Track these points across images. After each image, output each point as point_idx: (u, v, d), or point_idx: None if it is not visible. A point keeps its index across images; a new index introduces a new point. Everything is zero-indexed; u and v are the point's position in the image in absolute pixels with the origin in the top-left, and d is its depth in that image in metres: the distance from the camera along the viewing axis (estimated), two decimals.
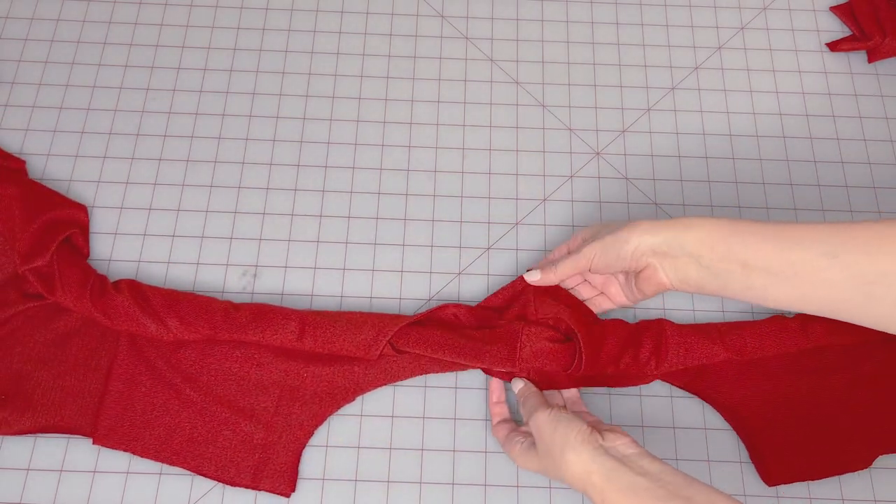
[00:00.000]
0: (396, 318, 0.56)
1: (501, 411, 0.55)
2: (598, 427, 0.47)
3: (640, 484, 0.42)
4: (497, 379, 0.55)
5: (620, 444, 0.45)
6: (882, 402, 0.55)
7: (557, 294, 0.56)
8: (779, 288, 0.46)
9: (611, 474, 0.43)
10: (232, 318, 0.56)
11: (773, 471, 0.54)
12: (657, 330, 0.56)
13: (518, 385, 0.54)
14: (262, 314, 0.56)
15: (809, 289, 0.45)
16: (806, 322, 0.56)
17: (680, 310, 0.60)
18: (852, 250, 0.44)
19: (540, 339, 0.54)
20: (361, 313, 0.57)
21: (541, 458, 0.48)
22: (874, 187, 0.65)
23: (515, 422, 0.55)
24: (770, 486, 0.54)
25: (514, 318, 0.55)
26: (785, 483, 0.54)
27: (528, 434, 0.51)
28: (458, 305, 0.57)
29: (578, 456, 0.45)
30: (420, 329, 0.55)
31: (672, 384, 0.57)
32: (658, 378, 0.56)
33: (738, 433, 0.56)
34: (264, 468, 0.54)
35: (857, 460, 0.54)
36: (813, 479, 0.54)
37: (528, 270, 0.56)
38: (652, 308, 0.60)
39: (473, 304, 0.59)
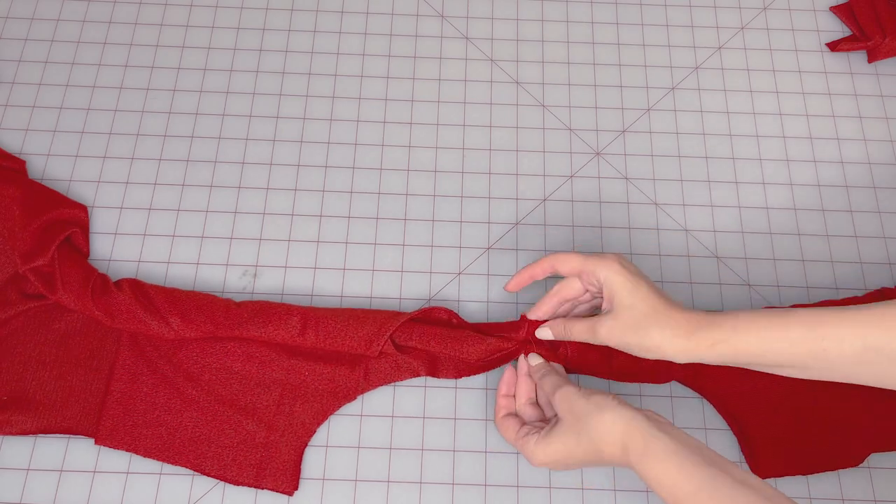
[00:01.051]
0: (397, 314, 0.56)
1: (508, 405, 0.53)
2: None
3: (681, 450, 0.42)
4: (511, 370, 0.54)
5: (650, 413, 0.46)
6: (877, 399, 0.55)
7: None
8: (814, 375, 0.45)
9: (652, 435, 0.43)
10: (234, 315, 0.56)
11: (764, 463, 0.54)
12: None
13: (536, 360, 0.53)
14: (264, 310, 0.56)
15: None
16: None
17: None
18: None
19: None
20: (363, 310, 0.57)
21: (567, 432, 0.46)
22: (874, 187, 0.65)
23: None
24: (761, 478, 0.54)
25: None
26: (775, 476, 0.54)
27: (539, 427, 0.50)
28: (451, 312, 0.57)
29: (619, 414, 0.44)
30: (421, 325, 0.56)
31: (673, 377, 0.57)
32: (676, 378, 0.56)
33: (730, 425, 0.56)
34: (267, 467, 0.54)
35: (850, 457, 0.54)
36: (804, 474, 0.54)
37: (539, 326, 0.54)
38: None
39: (473, 306, 0.59)
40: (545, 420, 0.51)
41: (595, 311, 0.54)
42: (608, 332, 0.48)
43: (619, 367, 0.55)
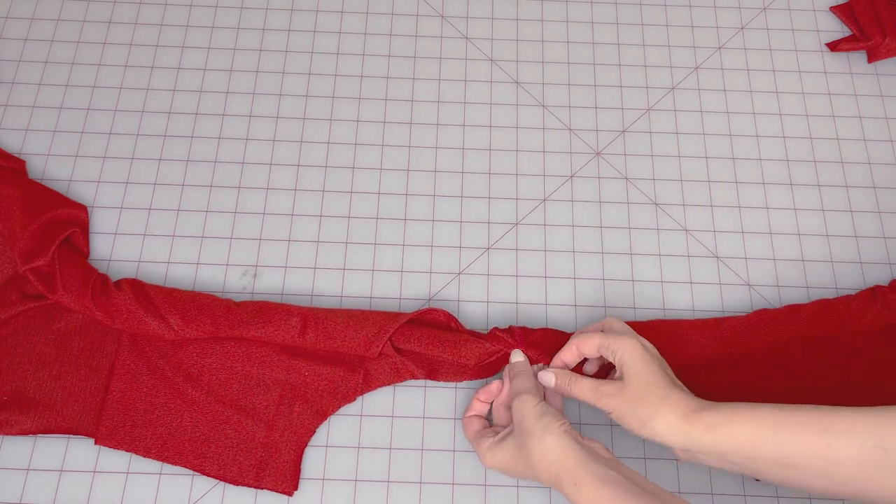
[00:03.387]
0: (397, 315, 0.56)
1: (480, 408, 0.54)
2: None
3: (614, 477, 0.43)
4: (498, 383, 0.54)
5: (597, 447, 0.47)
6: (869, 396, 0.55)
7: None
8: (819, 480, 0.45)
9: (587, 462, 0.44)
10: (234, 315, 0.56)
11: None
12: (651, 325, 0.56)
13: (517, 357, 0.54)
14: (265, 310, 0.56)
15: (851, 480, 0.44)
16: (792, 310, 0.57)
17: (679, 309, 0.60)
18: None
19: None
20: (363, 311, 0.57)
21: (514, 444, 0.48)
22: (874, 187, 0.65)
23: (487, 420, 0.54)
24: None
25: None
26: None
27: (497, 433, 0.51)
28: (451, 315, 0.57)
29: (559, 441, 0.45)
30: (420, 328, 0.56)
31: None
32: None
33: None
34: (266, 467, 0.54)
35: None
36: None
37: (542, 368, 0.54)
38: (652, 308, 0.60)
39: (472, 306, 0.59)
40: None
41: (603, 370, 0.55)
42: (610, 398, 0.48)
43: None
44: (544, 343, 0.55)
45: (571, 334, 0.56)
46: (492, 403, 0.54)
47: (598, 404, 0.49)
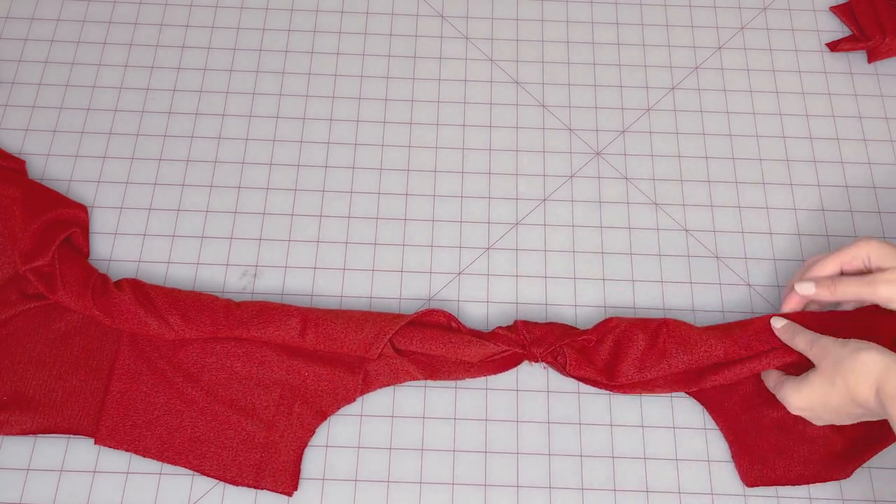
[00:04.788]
0: (397, 317, 0.56)
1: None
2: None
3: None
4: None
5: None
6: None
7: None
8: None
9: None
10: (234, 315, 0.56)
11: (752, 472, 0.54)
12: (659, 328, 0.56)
13: (780, 322, 0.53)
14: (265, 310, 0.56)
15: None
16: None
17: (679, 309, 0.60)
18: None
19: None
20: (363, 312, 0.57)
21: (821, 377, 0.48)
22: (874, 187, 0.65)
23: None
24: (748, 486, 0.54)
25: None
26: (762, 485, 0.54)
27: (793, 377, 0.51)
28: (451, 315, 0.57)
29: (878, 356, 0.46)
30: (421, 328, 0.55)
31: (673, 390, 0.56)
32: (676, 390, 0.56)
33: (723, 432, 0.56)
34: (266, 467, 0.54)
35: (838, 470, 0.54)
36: (790, 485, 0.54)
37: (799, 282, 0.53)
38: (652, 308, 0.60)
39: (473, 306, 0.59)
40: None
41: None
42: (887, 283, 0.48)
43: (622, 378, 0.55)
44: (549, 337, 0.55)
45: (576, 329, 0.56)
46: (784, 336, 0.53)
47: (871, 296, 0.49)
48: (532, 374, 0.58)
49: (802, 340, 0.51)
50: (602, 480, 0.55)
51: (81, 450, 0.55)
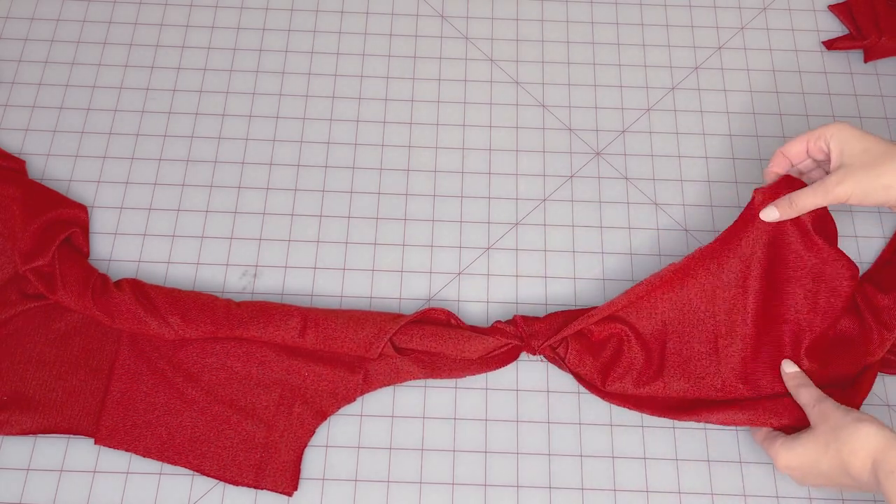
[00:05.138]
0: (397, 317, 0.56)
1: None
2: None
3: None
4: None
5: None
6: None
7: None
8: None
9: None
10: (234, 315, 0.56)
11: None
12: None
13: (791, 367, 0.53)
14: (265, 310, 0.56)
15: None
16: None
17: None
18: None
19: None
20: (363, 311, 0.57)
21: (817, 440, 0.47)
22: None
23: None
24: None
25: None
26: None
27: (783, 434, 0.51)
28: (450, 313, 0.57)
29: (879, 429, 0.45)
30: (421, 326, 0.55)
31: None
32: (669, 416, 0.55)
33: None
34: (266, 467, 0.54)
35: None
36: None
37: (765, 207, 0.53)
38: None
39: (473, 306, 0.59)
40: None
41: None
42: (840, 180, 0.48)
43: (615, 386, 0.55)
44: (548, 331, 0.55)
45: (578, 310, 0.56)
46: (790, 384, 0.52)
47: (829, 198, 0.49)
48: (532, 374, 0.58)
49: (806, 395, 0.50)
50: (602, 480, 0.55)
51: (81, 450, 0.55)
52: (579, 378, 0.56)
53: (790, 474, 0.49)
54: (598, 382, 0.55)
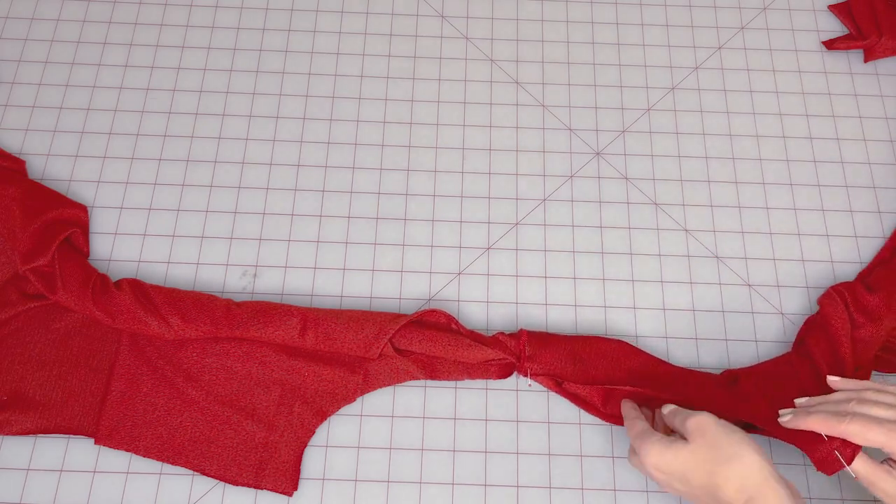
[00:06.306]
0: (397, 317, 0.56)
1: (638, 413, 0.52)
2: None
3: None
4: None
5: (793, 486, 0.45)
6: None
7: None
8: None
9: (784, 499, 0.42)
10: (234, 315, 0.56)
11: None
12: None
13: (669, 408, 0.50)
14: (265, 310, 0.56)
15: None
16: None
17: (679, 309, 0.60)
18: None
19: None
20: (363, 311, 0.57)
21: (694, 453, 0.45)
22: (874, 187, 0.65)
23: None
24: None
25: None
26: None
27: (665, 434, 0.49)
28: (451, 316, 0.57)
29: (761, 465, 0.43)
30: (421, 329, 0.56)
31: None
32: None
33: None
34: (266, 467, 0.54)
35: None
36: None
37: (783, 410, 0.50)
38: (652, 308, 0.60)
39: (473, 306, 0.59)
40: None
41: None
42: (851, 426, 0.46)
43: (613, 410, 0.55)
44: (552, 360, 0.56)
45: (587, 338, 0.57)
46: (665, 413, 0.51)
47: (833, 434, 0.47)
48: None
49: (679, 416, 0.48)
50: (602, 480, 0.55)
51: (81, 450, 0.55)
52: (576, 399, 0.56)
53: (654, 475, 0.47)
54: (600, 405, 0.55)
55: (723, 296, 0.61)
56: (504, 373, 0.56)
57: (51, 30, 0.70)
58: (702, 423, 0.46)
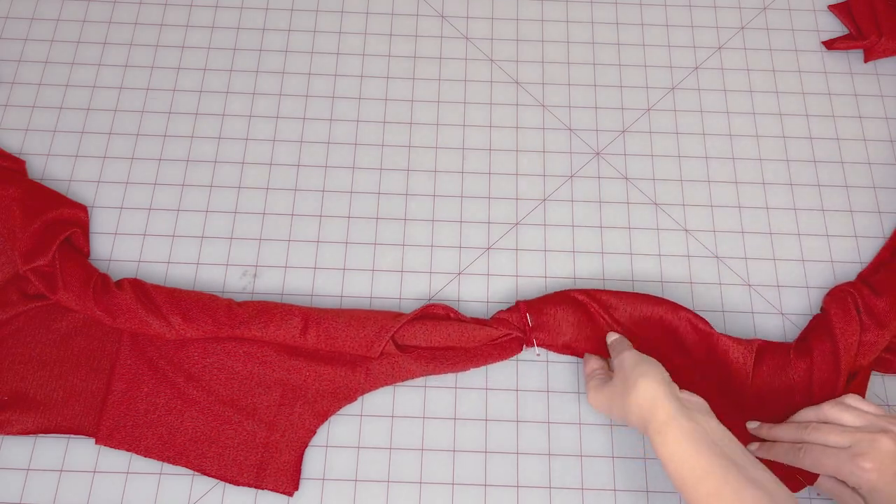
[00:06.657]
0: (398, 315, 0.56)
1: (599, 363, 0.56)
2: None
3: (701, 434, 0.44)
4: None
5: (694, 400, 0.48)
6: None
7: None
8: None
9: (677, 414, 0.45)
10: (235, 314, 0.56)
11: None
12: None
13: (612, 337, 0.56)
14: (266, 310, 0.56)
15: None
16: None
17: None
18: None
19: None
20: (364, 311, 0.57)
21: (612, 389, 0.50)
22: (874, 187, 0.65)
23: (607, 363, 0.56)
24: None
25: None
26: None
27: (608, 375, 0.53)
28: (449, 307, 0.57)
29: (654, 387, 0.47)
30: (422, 322, 0.56)
31: None
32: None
33: None
34: (267, 467, 0.54)
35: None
36: None
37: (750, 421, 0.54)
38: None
39: (473, 306, 0.59)
40: None
41: None
42: (809, 456, 0.48)
43: None
44: (552, 325, 0.57)
45: (567, 293, 0.58)
46: (610, 347, 0.55)
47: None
48: (532, 374, 0.58)
49: (614, 351, 0.53)
50: (602, 480, 0.55)
51: (81, 450, 0.55)
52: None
53: (598, 410, 0.52)
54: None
55: (723, 296, 0.61)
56: (513, 349, 0.57)
57: (51, 30, 0.70)
58: (621, 359, 0.51)
